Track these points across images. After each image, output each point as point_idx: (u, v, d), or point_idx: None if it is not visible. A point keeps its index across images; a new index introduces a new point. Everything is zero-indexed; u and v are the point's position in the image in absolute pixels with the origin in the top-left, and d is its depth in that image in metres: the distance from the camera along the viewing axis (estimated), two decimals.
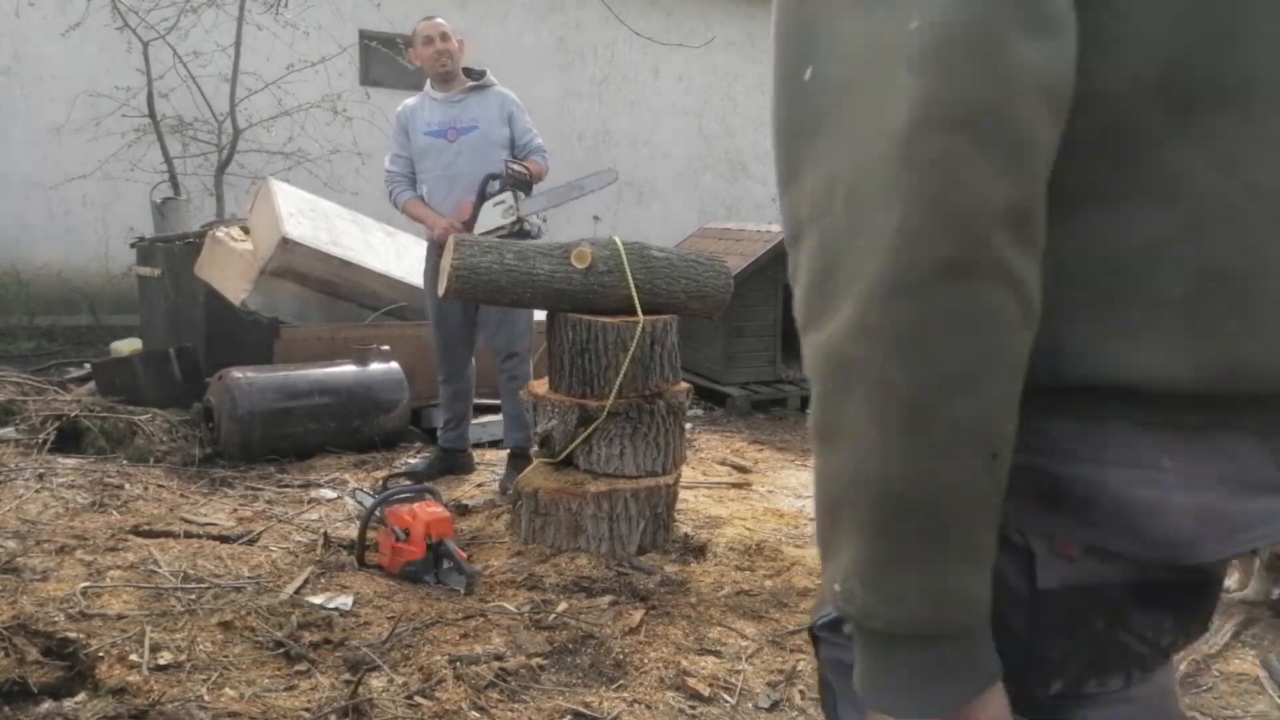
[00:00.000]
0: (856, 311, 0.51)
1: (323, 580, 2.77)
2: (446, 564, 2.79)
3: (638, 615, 2.59)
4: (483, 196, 3.68)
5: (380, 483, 3.68)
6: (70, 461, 3.75)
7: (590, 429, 2.98)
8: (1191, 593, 0.63)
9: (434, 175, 3.81)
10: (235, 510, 3.37)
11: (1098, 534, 0.58)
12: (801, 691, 2.30)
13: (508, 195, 3.66)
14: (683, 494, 3.43)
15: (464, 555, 2.83)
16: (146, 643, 2.24)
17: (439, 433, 4.06)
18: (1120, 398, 0.56)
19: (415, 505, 2.85)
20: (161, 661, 2.19)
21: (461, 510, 3.46)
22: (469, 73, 3.92)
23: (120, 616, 2.39)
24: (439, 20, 3.87)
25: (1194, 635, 0.68)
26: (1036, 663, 0.61)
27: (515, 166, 3.69)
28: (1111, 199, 0.54)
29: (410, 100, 3.92)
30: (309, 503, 3.50)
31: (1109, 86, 0.53)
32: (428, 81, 3.90)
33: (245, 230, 4.83)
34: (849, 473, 0.55)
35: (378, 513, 2.89)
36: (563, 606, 2.66)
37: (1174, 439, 0.56)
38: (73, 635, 2.25)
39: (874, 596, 0.55)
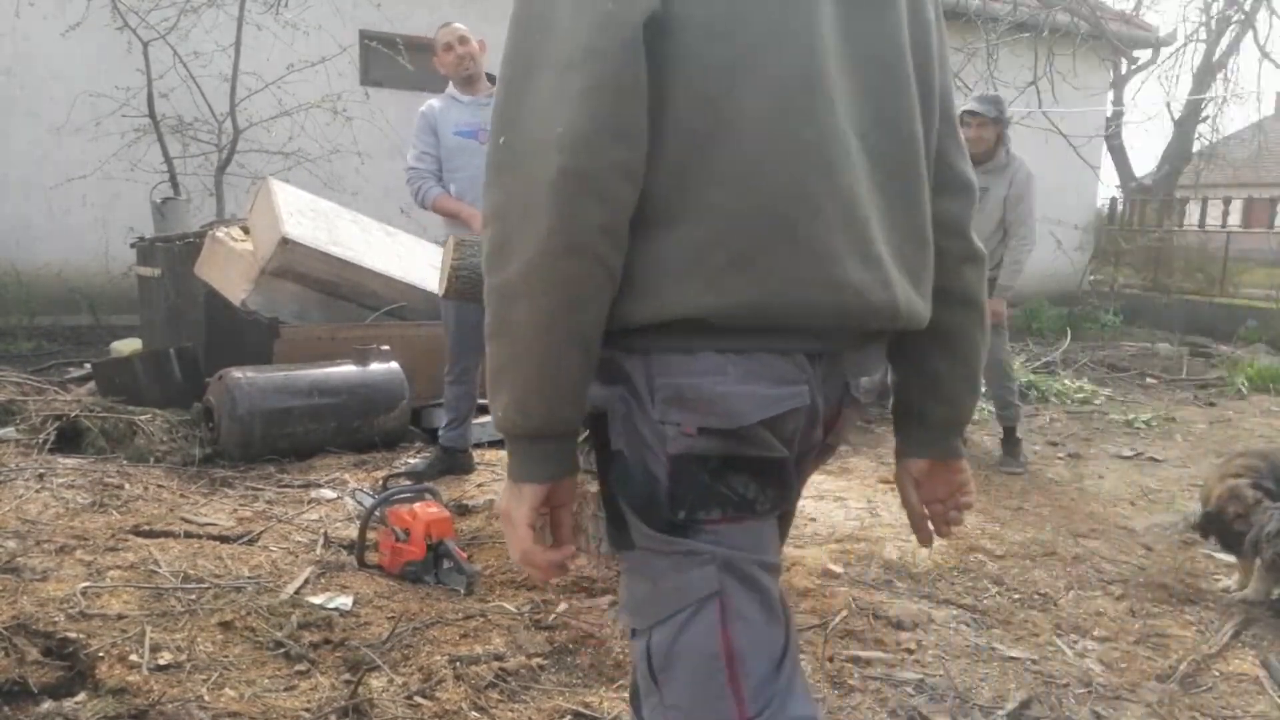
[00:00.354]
0: (523, 266, 0.98)
1: (323, 580, 2.77)
2: (446, 564, 2.79)
3: None
4: None
5: (380, 483, 3.68)
6: (70, 461, 3.74)
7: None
8: (761, 467, 1.06)
9: (464, 176, 3.82)
10: (235, 510, 3.37)
11: (703, 418, 1.02)
12: None
13: None
14: None
15: (464, 555, 2.83)
16: (146, 643, 2.24)
17: (440, 432, 4.06)
18: (702, 335, 1.01)
19: (415, 505, 2.85)
20: (161, 661, 2.19)
21: (462, 510, 3.47)
22: (493, 77, 3.94)
23: (120, 616, 2.39)
24: (456, 25, 3.92)
25: (775, 498, 1.09)
26: (671, 498, 1.04)
27: None
28: (683, 217, 1.01)
29: (434, 101, 3.95)
30: (309, 503, 3.50)
31: (663, 160, 1.00)
32: (449, 83, 3.93)
33: (245, 230, 4.83)
34: (508, 352, 1.02)
35: (378, 513, 2.89)
36: (563, 606, 2.66)
37: (735, 356, 1.02)
38: (73, 635, 2.25)
39: (518, 416, 1.03)
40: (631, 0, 0.96)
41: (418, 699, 2.13)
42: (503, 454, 4.69)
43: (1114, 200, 13.19)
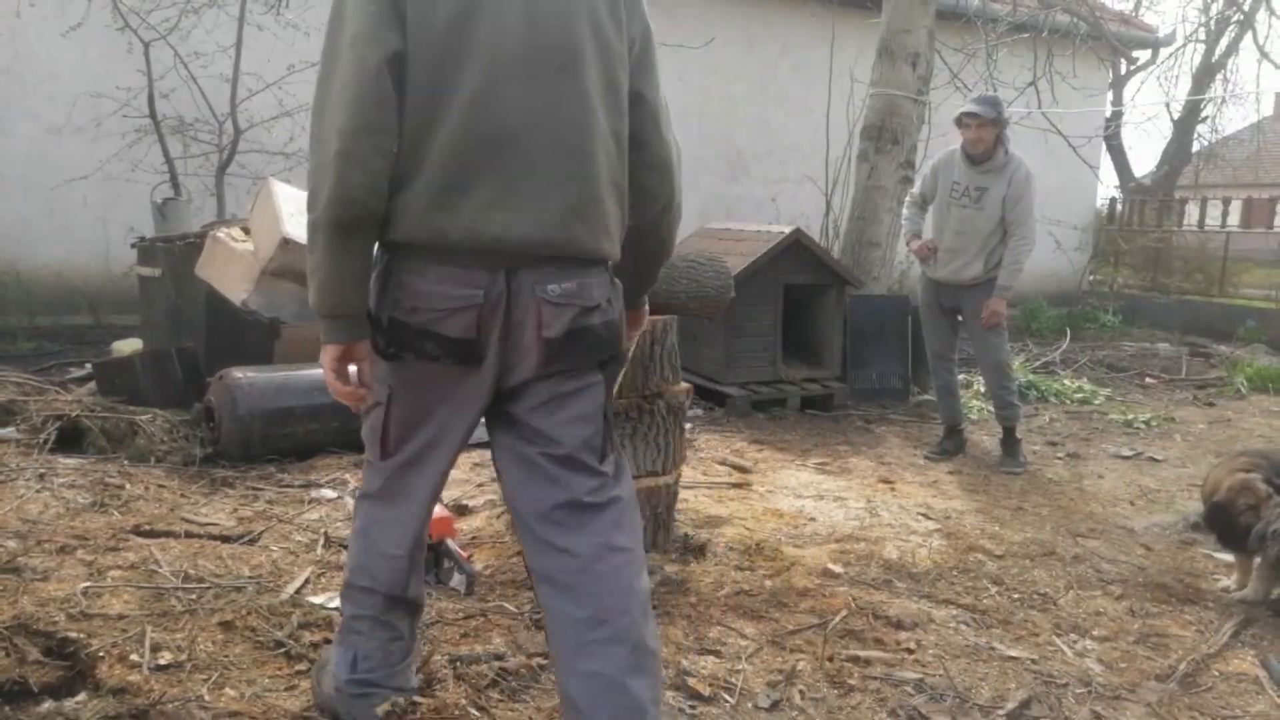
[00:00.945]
0: (320, 209, 1.57)
1: (323, 580, 2.77)
2: (447, 564, 2.79)
3: None
4: None
5: None
6: (71, 461, 3.75)
7: None
8: (443, 340, 1.66)
9: None
10: (236, 510, 3.37)
11: (414, 301, 1.65)
12: (801, 691, 2.31)
13: None
14: (683, 494, 3.44)
15: (464, 555, 2.84)
16: (147, 642, 2.24)
17: None
18: (417, 251, 1.64)
19: None
20: (162, 661, 2.19)
21: (461, 510, 3.47)
22: None
23: (121, 616, 2.39)
24: None
25: (456, 356, 1.67)
26: (387, 341, 1.69)
27: None
28: (409, 181, 1.61)
29: None
30: (309, 503, 3.51)
31: (403, 144, 1.61)
32: None
33: (246, 230, 4.82)
34: (315, 261, 1.61)
35: None
36: None
37: (434, 267, 1.64)
38: (73, 635, 2.25)
39: (321, 301, 1.64)
40: (378, 44, 1.54)
41: (417, 698, 2.13)
42: None
43: (1113, 200, 13.19)
